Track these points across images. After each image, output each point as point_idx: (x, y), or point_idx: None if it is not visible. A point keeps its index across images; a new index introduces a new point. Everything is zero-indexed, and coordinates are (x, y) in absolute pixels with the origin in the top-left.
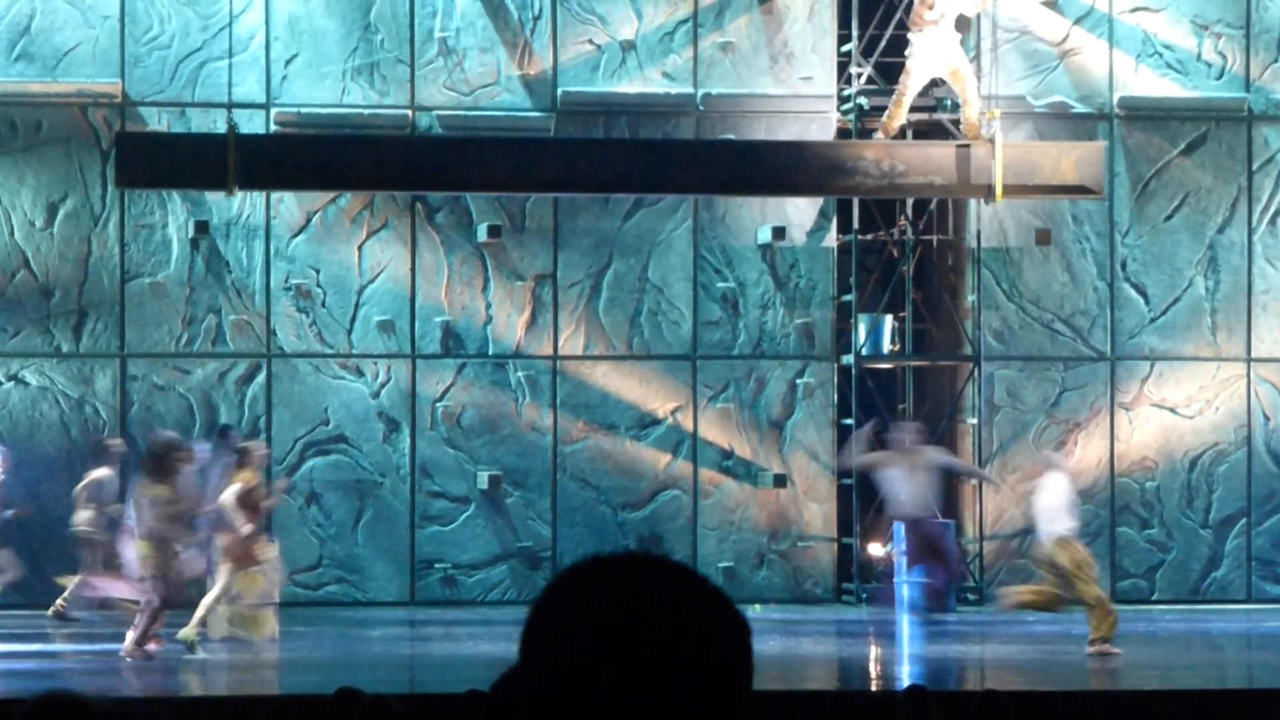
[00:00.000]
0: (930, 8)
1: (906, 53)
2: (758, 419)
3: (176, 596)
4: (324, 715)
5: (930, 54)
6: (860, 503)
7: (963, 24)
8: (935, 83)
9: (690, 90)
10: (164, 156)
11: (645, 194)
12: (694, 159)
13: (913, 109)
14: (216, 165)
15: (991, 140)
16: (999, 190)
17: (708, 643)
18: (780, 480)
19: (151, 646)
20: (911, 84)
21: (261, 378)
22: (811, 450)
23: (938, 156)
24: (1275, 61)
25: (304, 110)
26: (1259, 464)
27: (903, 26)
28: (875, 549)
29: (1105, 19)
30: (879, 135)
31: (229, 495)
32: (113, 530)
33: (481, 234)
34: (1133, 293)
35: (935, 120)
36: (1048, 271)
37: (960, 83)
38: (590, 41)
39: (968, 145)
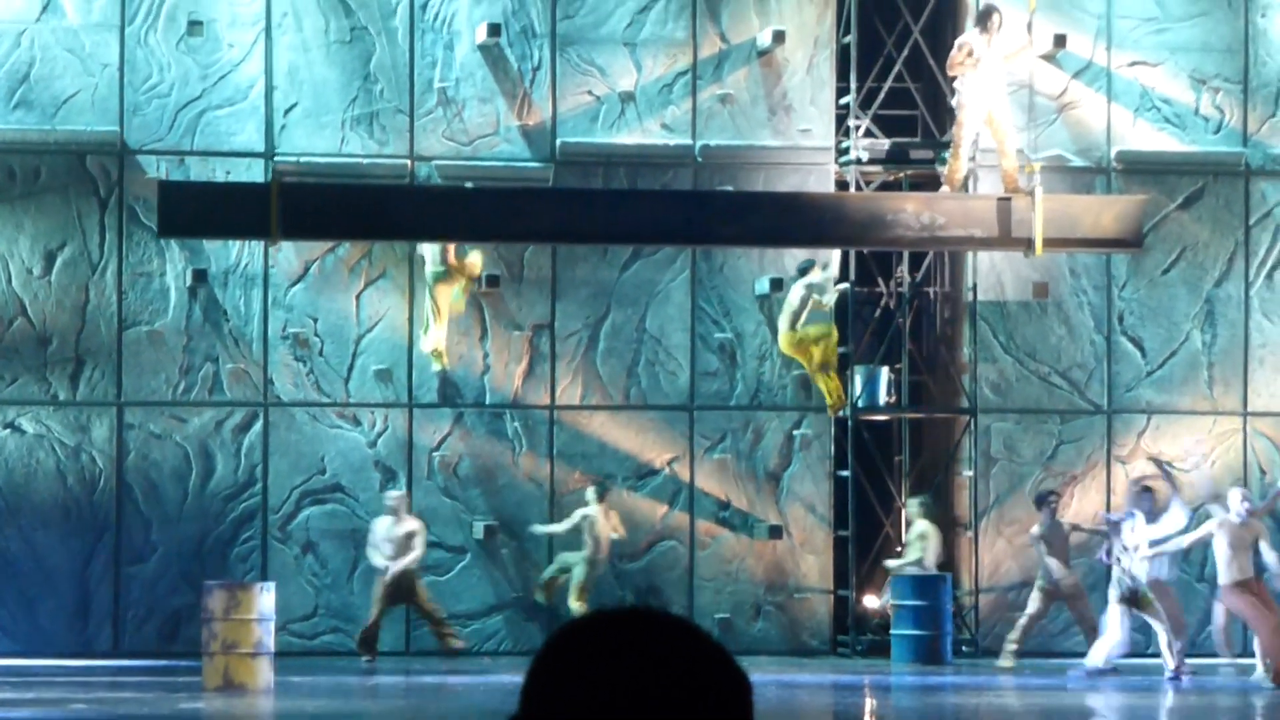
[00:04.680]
0: (969, 53)
1: (954, 102)
2: (755, 470)
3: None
4: None
5: (977, 100)
6: (856, 555)
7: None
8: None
9: (689, 141)
10: (206, 206)
11: (678, 245)
12: (731, 211)
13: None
14: (259, 215)
15: (1032, 194)
16: (1039, 244)
17: (709, 699)
18: (777, 532)
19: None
20: (965, 134)
21: (258, 426)
22: (808, 502)
23: (978, 210)
24: (1273, 116)
25: (303, 159)
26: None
27: (901, 79)
28: (871, 601)
29: (1104, 73)
30: (944, 188)
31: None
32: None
33: (480, 283)
34: (1129, 346)
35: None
36: (1044, 324)
37: (997, 132)
38: (589, 92)
39: (1008, 199)
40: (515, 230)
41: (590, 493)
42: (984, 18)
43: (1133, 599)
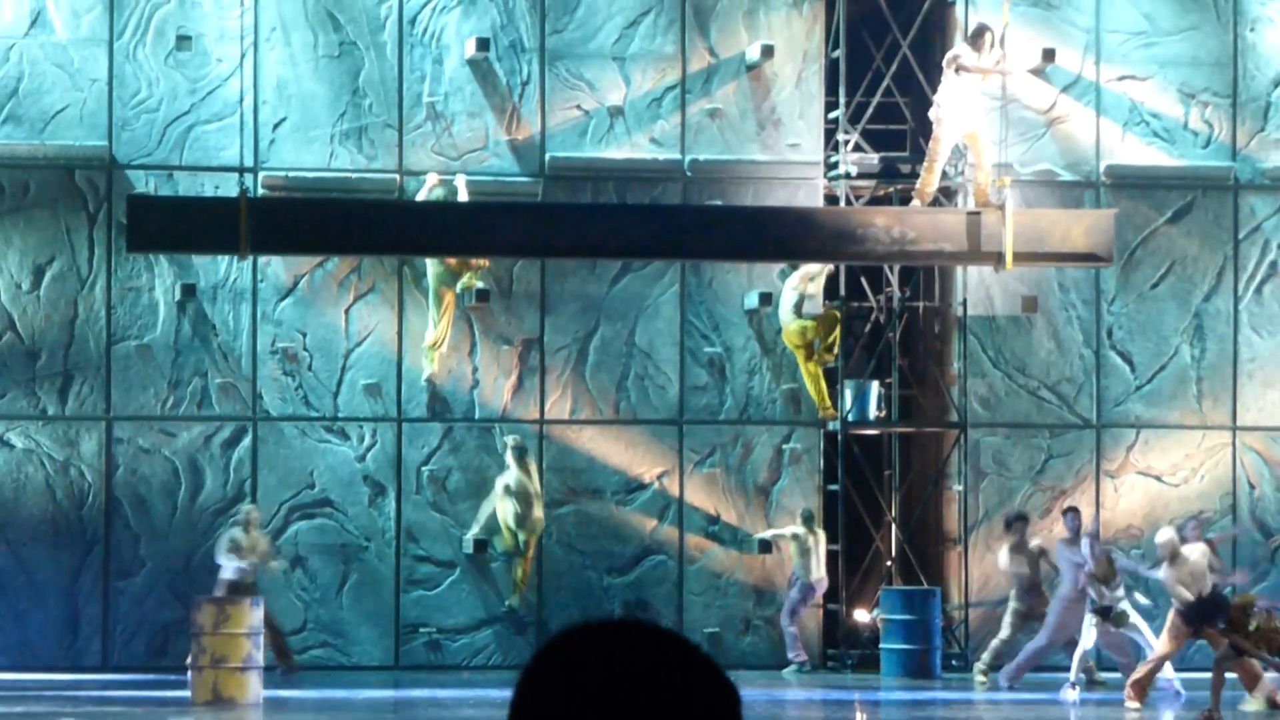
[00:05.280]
0: (963, 65)
1: (932, 115)
2: (744, 484)
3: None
4: None
5: (956, 115)
6: (845, 569)
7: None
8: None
9: (678, 156)
10: (175, 220)
11: (652, 260)
12: (702, 225)
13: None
14: (228, 229)
15: (1001, 208)
16: (1009, 258)
17: (698, 710)
18: (766, 546)
19: None
20: (942, 148)
21: (247, 441)
22: (797, 516)
23: (948, 224)
24: (1261, 130)
25: (291, 174)
26: (1244, 532)
27: (890, 94)
28: (861, 615)
29: (1092, 87)
30: (915, 201)
31: None
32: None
33: (469, 298)
34: (1119, 360)
35: (944, 184)
36: (1034, 339)
37: (975, 145)
38: (578, 107)
39: (978, 213)
40: (498, 245)
41: (509, 455)
42: (977, 35)
43: (1107, 615)
